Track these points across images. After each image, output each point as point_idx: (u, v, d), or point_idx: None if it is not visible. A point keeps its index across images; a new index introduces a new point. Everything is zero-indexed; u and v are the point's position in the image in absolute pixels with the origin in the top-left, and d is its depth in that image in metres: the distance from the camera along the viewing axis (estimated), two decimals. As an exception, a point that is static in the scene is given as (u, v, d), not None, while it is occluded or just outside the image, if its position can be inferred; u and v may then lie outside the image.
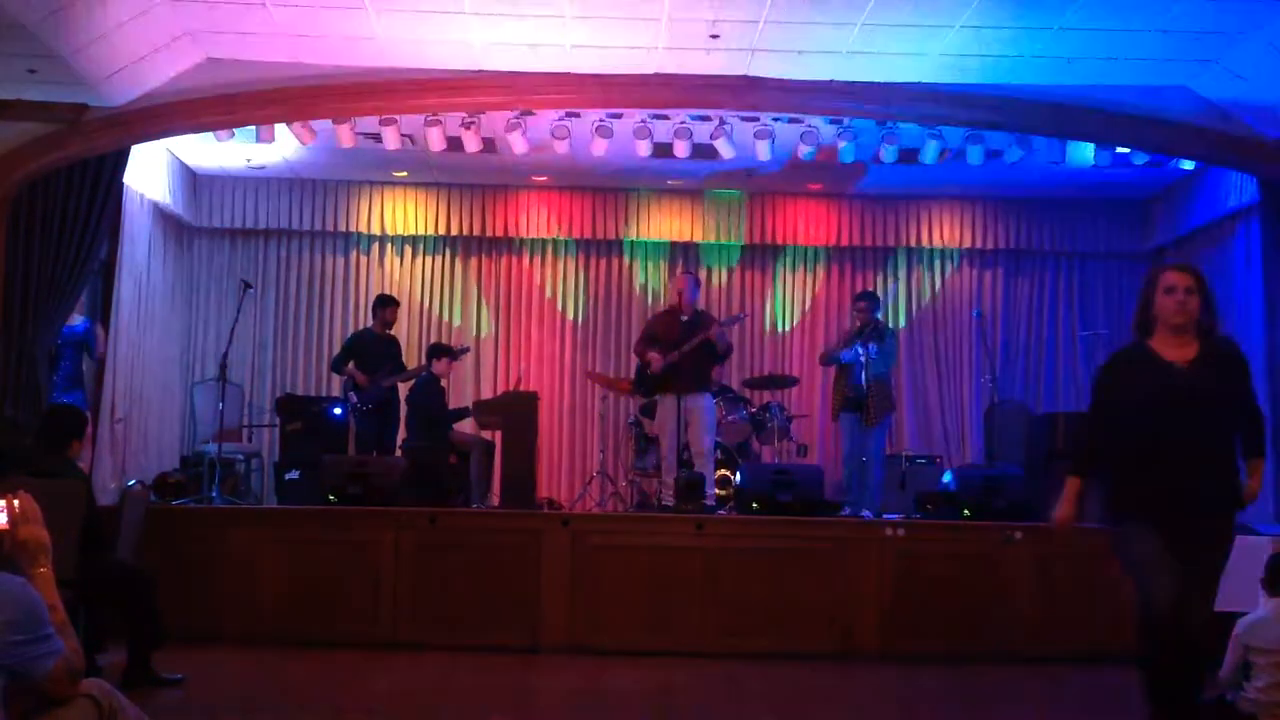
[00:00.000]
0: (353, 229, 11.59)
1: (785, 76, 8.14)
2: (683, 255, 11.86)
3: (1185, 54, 7.66)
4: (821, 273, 11.92)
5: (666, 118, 9.12)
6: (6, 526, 2.88)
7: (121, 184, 8.69)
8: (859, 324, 9.13)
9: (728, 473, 9.43)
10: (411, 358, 10.67)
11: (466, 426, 9.99)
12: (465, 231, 11.62)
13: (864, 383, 8.81)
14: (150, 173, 9.89)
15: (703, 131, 9.23)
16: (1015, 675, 7.22)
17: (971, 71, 8.05)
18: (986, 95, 8.24)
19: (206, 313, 11.47)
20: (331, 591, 7.57)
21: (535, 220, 11.61)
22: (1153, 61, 7.78)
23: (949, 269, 11.91)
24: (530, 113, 8.96)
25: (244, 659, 7.12)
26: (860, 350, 8.84)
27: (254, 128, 9.13)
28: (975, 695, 6.77)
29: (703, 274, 11.56)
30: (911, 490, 9.41)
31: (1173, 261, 5.97)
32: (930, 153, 9.39)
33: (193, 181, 11.13)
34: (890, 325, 10.93)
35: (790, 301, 11.92)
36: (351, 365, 9.72)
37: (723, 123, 9.15)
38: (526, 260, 11.89)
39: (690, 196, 11.58)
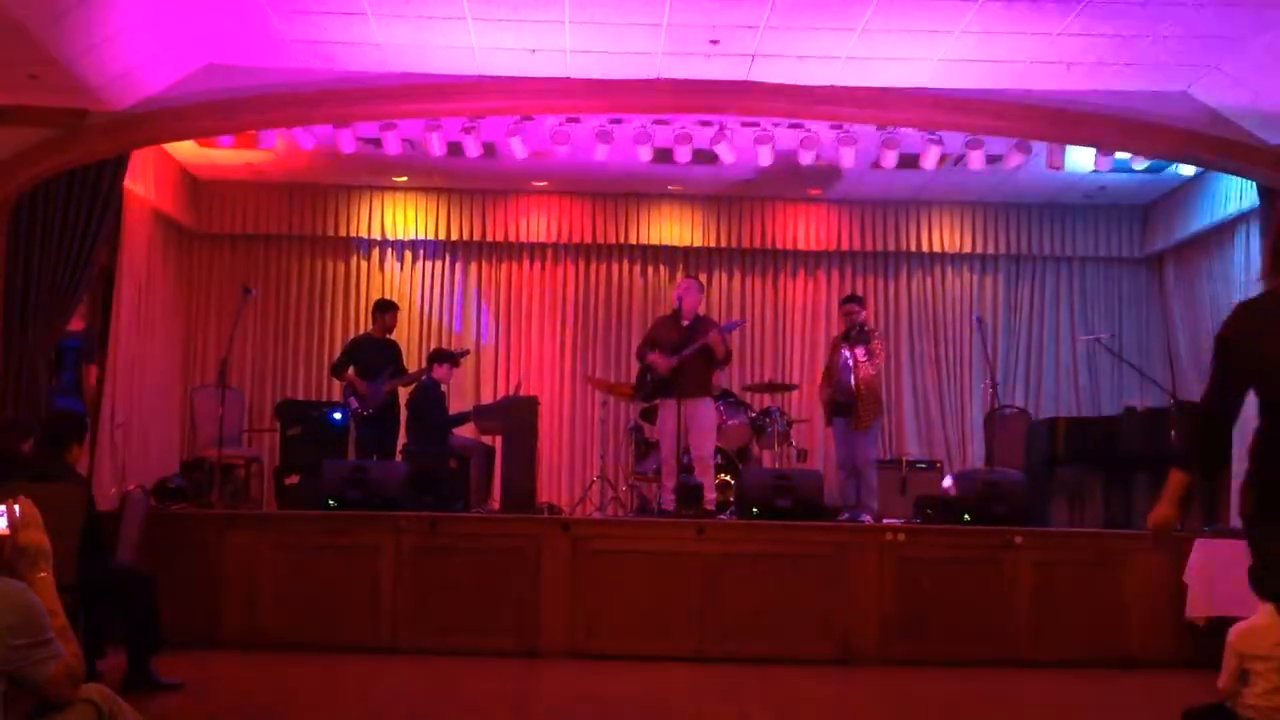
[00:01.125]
0: (353, 234, 11.58)
1: (785, 81, 8.15)
2: (683, 260, 11.88)
3: (1185, 60, 7.67)
4: (822, 277, 11.92)
5: (667, 123, 9.13)
6: (7, 532, 2.88)
7: (122, 189, 8.68)
8: (845, 327, 9.13)
9: (728, 477, 9.42)
10: (412, 362, 10.66)
11: (467, 431, 9.98)
12: (465, 236, 11.61)
13: (852, 385, 8.80)
14: (151, 177, 9.88)
15: (703, 137, 9.24)
16: (1015, 680, 7.22)
17: (971, 77, 8.06)
18: (986, 100, 8.25)
19: (206, 317, 11.46)
20: (331, 596, 7.57)
21: (535, 225, 11.61)
22: (1153, 67, 7.79)
23: (949, 274, 11.92)
24: (530, 118, 8.97)
25: (244, 664, 7.12)
26: (848, 354, 8.84)
27: (254, 133, 9.13)
28: (975, 700, 6.76)
29: (703, 279, 11.54)
30: (912, 495, 9.41)
31: None
32: (930, 158, 9.39)
33: (193, 186, 11.14)
34: (879, 328, 10.93)
35: (790, 306, 11.92)
36: (351, 372, 9.71)
37: (723, 128, 9.15)
38: (527, 265, 11.90)
39: (691, 201, 11.59)
